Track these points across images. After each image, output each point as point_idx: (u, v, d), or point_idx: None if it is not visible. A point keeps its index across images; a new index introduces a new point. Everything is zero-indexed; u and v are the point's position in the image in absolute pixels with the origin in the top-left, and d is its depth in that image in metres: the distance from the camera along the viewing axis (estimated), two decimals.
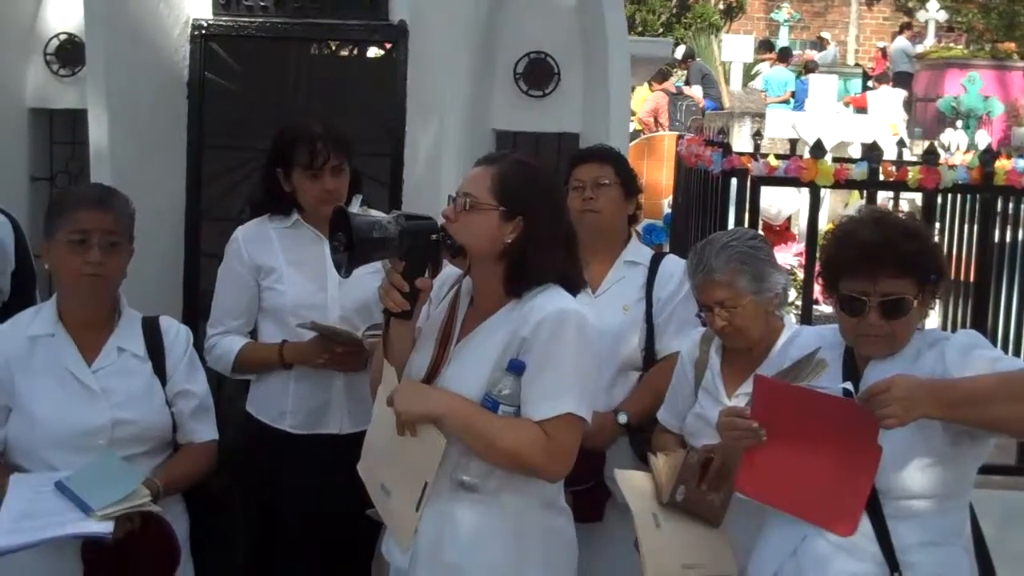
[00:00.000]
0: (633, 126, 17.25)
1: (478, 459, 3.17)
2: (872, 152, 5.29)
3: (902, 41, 25.14)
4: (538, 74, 5.65)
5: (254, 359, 4.40)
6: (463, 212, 3.21)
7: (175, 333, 3.85)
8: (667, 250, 7.67)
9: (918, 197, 5.83)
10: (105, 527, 3.33)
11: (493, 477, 3.19)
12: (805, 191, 5.76)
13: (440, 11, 5.61)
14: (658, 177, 10.50)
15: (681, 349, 4.21)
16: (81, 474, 3.44)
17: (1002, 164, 5.77)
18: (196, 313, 5.38)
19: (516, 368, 3.15)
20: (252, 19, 5.71)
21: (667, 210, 9.72)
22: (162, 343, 3.80)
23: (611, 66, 5.41)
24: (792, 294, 7.51)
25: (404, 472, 3.23)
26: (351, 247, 3.08)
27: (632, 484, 3.81)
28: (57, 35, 5.84)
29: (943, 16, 27.67)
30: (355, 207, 4.43)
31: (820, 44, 31.34)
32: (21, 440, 3.63)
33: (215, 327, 4.45)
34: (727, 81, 23.86)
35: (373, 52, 6.14)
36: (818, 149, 5.21)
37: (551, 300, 3.22)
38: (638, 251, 4.63)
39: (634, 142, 11.70)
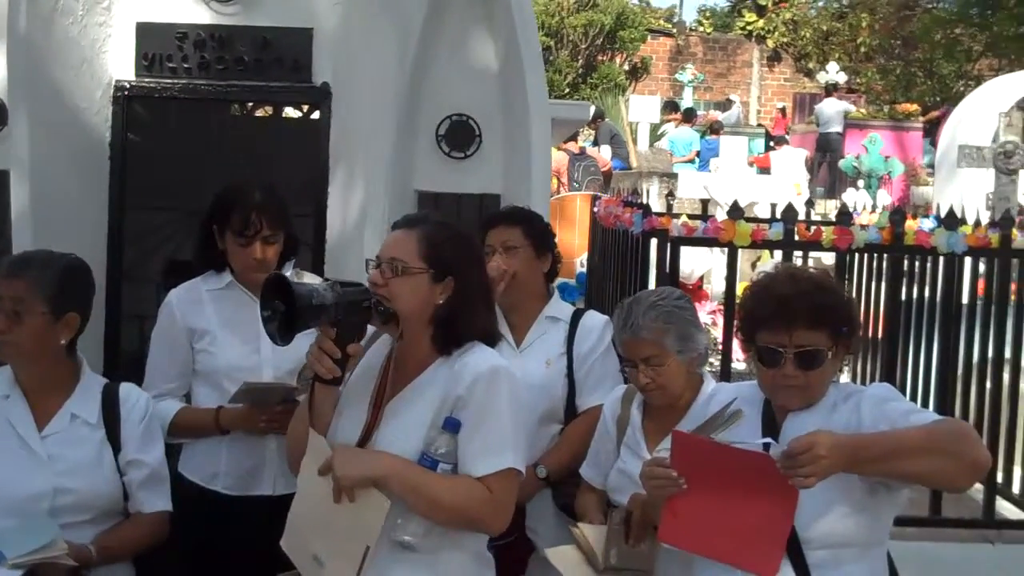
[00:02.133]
0: None
1: (416, 518, 3.19)
2: (787, 213, 5.44)
3: (835, 103, 25.44)
4: (460, 136, 5.74)
5: (190, 424, 4.35)
6: (393, 277, 3.24)
7: (133, 401, 3.81)
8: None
9: (827, 256, 5.99)
10: (13, 574, 3.34)
11: (431, 535, 3.21)
12: (717, 251, 5.89)
13: (363, 74, 5.70)
14: (570, 237, 10.64)
15: (604, 406, 4.30)
16: (8, 532, 3.44)
17: (911, 224, 5.95)
18: (118, 375, 5.33)
19: (452, 426, 3.19)
20: (175, 80, 5.76)
21: (580, 269, 9.83)
22: (118, 411, 3.76)
23: (532, 128, 5.53)
24: None
25: (341, 540, 3.19)
26: (291, 315, 3.08)
27: (565, 559, 3.87)
28: None
29: (843, 78, 28.32)
30: (287, 271, 4.43)
31: (727, 104, 31.83)
32: None
33: (149, 391, 4.35)
34: (634, 141, 24.18)
35: (296, 113, 6.19)
36: (735, 211, 5.35)
37: (482, 358, 3.28)
38: (559, 307, 4.71)
39: None
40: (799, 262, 6.13)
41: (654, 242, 5.58)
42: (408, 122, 5.68)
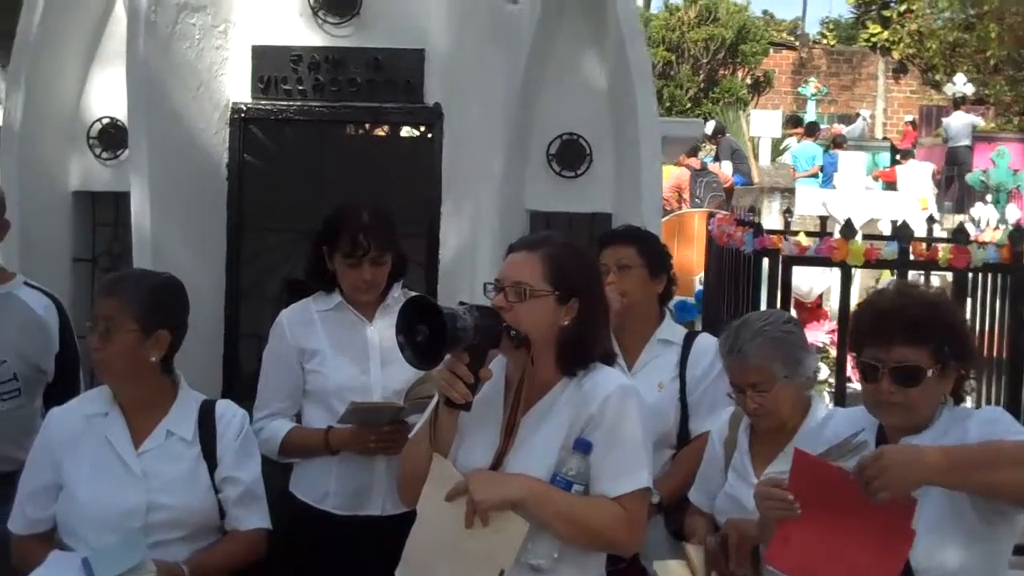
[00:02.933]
0: None
1: (545, 541, 3.19)
2: (902, 231, 5.32)
3: (964, 116, 25.02)
4: (570, 155, 5.74)
5: (300, 444, 4.41)
6: (518, 302, 3.22)
7: (229, 417, 3.86)
8: (699, 327, 7.71)
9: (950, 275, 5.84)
10: None
11: (558, 557, 3.21)
12: (836, 269, 5.78)
13: (474, 93, 5.73)
14: (689, 254, 10.54)
15: (711, 429, 4.27)
16: (103, 550, 3.51)
17: None
18: (236, 393, 5.40)
19: (583, 447, 3.19)
20: (290, 103, 5.85)
21: (699, 287, 9.74)
22: (214, 427, 3.81)
23: (643, 147, 5.48)
24: (824, 371, 7.53)
25: (471, 565, 3.17)
26: (439, 339, 3.06)
27: (669, 573, 3.84)
28: (99, 119, 5.95)
29: (970, 89, 27.76)
30: (395, 293, 4.47)
31: (853, 118, 31.40)
32: (66, 518, 3.69)
33: (261, 410, 4.47)
34: (756, 156, 23.95)
35: (408, 134, 6.24)
36: (848, 229, 5.25)
37: (609, 377, 3.29)
38: (672, 330, 4.67)
39: (665, 219, 11.76)
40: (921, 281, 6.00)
41: (765, 261, 5.52)
42: (519, 141, 5.69)
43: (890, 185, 20.85)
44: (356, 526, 4.34)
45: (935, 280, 6.87)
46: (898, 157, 24.01)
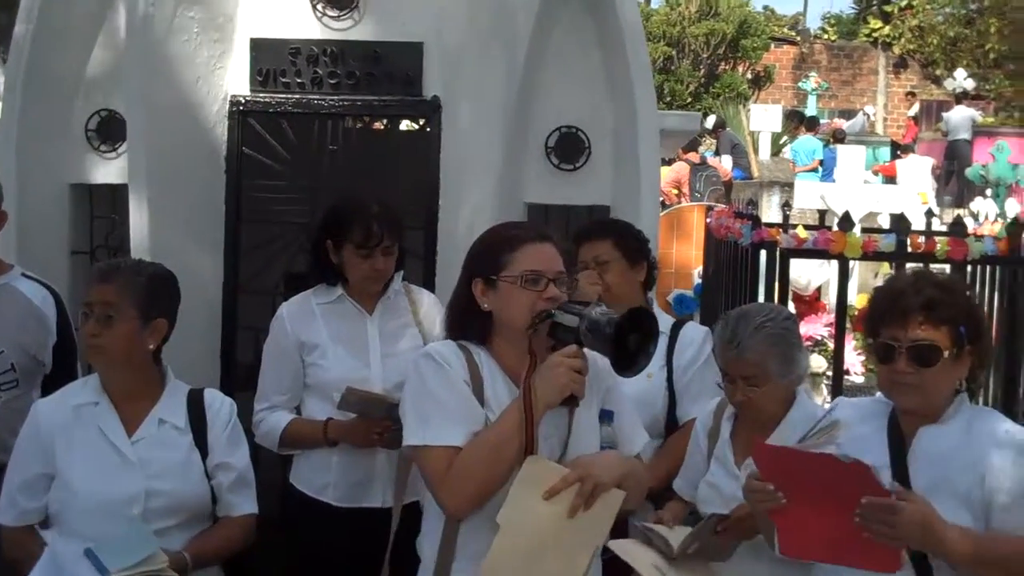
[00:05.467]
0: None
1: None
2: (900, 224, 5.32)
3: (964, 110, 25.12)
4: (569, 148, 5.73)
5: (299, 436, 4.44)
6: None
7: (218, 406, 3.88)
8: (698, 320, 7.72)
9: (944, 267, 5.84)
10: None
11: None
12: (834, 262, 5.78)
13: (472, 86, 5.74)
14: (687, 249, 10.54)
15: (697, 418, 4.29)
16: (108, 541, 3.51)
17: None
18: (234, 385, 5.44)
19: (609, 417, 3.37)
20: (289, 95, 5.84)
21: (697, 280, 9.74)
22: (204, 415, 3.83)
23: (641, 140, 5.49)
24: (823, 364, 7.53)
25: (572, 553, 3.14)
26: (648, 343, 3.16)
27: (627, 548, 3.85)
28: (98, 111, 5.93)
29: (971, 84, 27.77)
30: (396, 285, 4.50)
31: (853, 113, 31.47)
32: (61, 508, 3.69)
33: (261, 403, 4.50)
34: (756, 150, 23.96)
35: (407, 127, 6.23)
36: (846, 222, 5.25)
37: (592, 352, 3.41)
38: (659, 320, 4.67)
39: (664, 213, 11.76)
40: None
41: (763, 254, 5.52)
42: (517, 134, 5.69)
43: (890, 180, 20.85)
44: (356, 517, 4.35)
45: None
46: (899, 152, 24.03)
